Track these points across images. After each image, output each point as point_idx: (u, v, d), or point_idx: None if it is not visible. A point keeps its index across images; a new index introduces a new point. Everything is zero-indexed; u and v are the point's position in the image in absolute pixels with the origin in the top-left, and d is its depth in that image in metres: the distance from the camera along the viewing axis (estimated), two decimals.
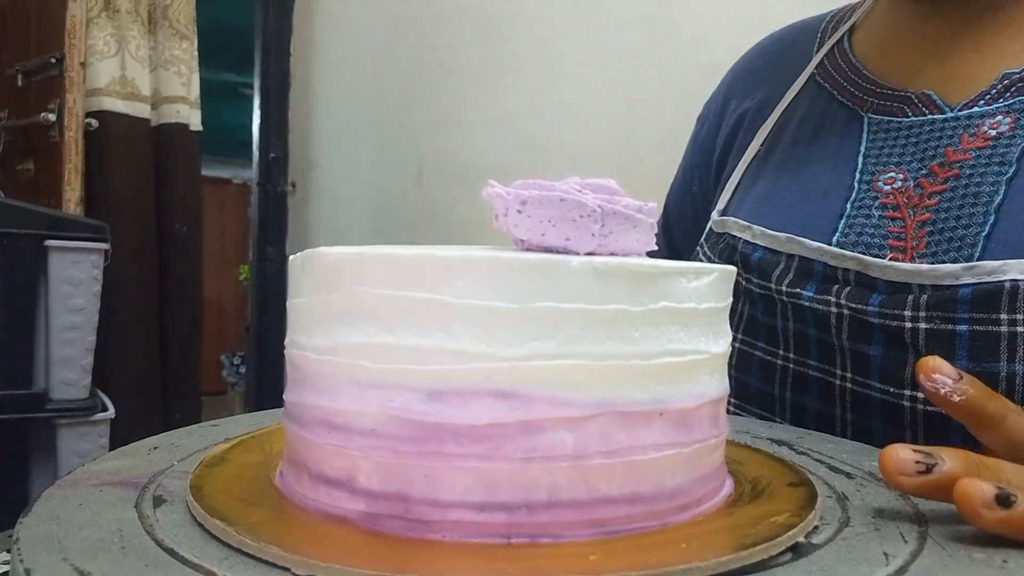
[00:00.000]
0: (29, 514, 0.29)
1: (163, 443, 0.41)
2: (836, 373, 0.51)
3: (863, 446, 0.43)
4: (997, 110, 0.50)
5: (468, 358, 0.27)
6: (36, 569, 0.24)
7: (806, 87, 0.62)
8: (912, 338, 0.46)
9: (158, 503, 0.31)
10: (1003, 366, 0.43)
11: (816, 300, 0.50)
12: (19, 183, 2.00)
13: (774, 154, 0.60)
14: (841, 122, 0.57)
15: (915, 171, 0.51)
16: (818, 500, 0.31)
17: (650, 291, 0.29)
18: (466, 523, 0.27)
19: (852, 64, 0.59)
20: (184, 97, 2.12)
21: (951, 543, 0.28)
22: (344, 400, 0.29)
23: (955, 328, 0.44)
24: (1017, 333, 0.43)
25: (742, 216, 0.58)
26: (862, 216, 0.52)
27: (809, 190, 0.55)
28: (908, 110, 0.54)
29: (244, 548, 0.26)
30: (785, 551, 0.27)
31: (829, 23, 0.66)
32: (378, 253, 0.30)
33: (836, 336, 0.50)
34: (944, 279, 0.45)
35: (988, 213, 0.46)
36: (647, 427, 0.29)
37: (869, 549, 0.27)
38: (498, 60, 1.84)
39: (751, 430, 0.46)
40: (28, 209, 1.47)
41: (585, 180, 0.36)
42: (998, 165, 0.47)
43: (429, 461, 0.27)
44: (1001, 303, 0.43)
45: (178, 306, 2.13)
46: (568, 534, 0.27)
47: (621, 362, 0.28)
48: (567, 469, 0.27)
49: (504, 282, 0.27)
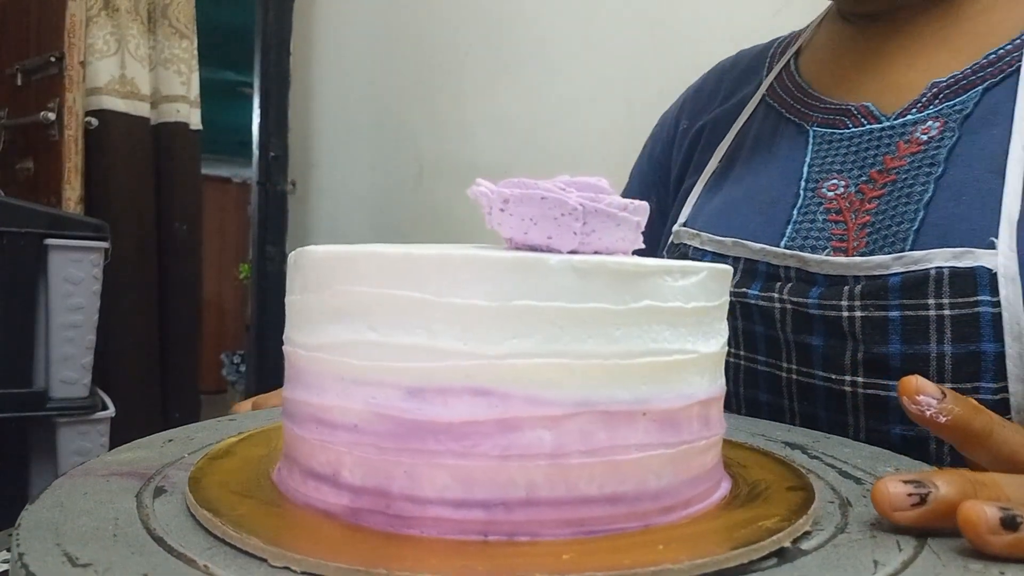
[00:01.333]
0: (36, 501, 0.30)
1: (178, 436, 0.42)
2: (783, 366, 0.54)
3: (881, 451, 0.42)
4: (928, 116, 0.53)
5: (447, 356, 0.27)
6: (29, 553, 0.25)
7: (758, 108, 0.66)
8: (850, 326, 0.49)
9: (158, 493, 0.32)
10: (933, 347, 0.46)
11: (761, 298, 0.54)
12: (19, 182, 2.00)
13: (731, 171, 0.65)
14: (789, 137, 0.61)
15: (856, 178, 0.55)
16: (813, 505, 0.31)
17: (632, 290, 0.29)
18: (444, 520, 0.27)
19: (798, 84, 0.64)
20: (184, 96, 2.12)
21: (948, 553, 0.27)
22: (330, 396, 0.30)
23: (887, 315, 0.47)
24: (944, 316, 0.46)
25: (699, 226, 0.62)
26: (807, 221, 0.55)
27: (760, 201, 0.59)
28: (848, 121, 0.58)
29: (227, 539, 0.27)
30: (770, 556, 0.27)
31: (777, 49, 0.71)
32: (361, 251, 0.30)
33: (781, 330, 0.53)
34: (876, 269, 0.48)
35: (918, 210, 0.50)
36: (630, 427, 0.29)
37: (859, 557, 0.27)
38: (498, 60, 1.84)
39: (767, 433, 0.46)
40: (28, 208, 1.47)
41: (572, 178, 0.36)
42: (928, 167, 0.51)
43: (409, 458, 0.28)
44: (928, 289, 0.46)
45: (178, 305, 2.13)
46: (546, 533, 0.27)
47: (601, 361, 0.28)
48: (545, 468, 0.27)
49: (483, 280, 0.27)
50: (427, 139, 2.03)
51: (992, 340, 0.44)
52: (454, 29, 1.95)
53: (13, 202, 1.47)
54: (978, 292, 0.45)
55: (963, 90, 0.53)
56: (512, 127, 1.81)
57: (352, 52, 2.30)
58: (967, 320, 0.45)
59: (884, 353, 0.48)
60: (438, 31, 1.99)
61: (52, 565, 0.24)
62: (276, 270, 2.35)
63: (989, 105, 0.51)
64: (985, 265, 0.45)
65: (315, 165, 2.42)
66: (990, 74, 0.52)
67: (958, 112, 0.52)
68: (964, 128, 0.51)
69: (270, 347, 2.36)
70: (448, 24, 1.97)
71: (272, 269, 2.36)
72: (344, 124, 2.32)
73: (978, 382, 0.45)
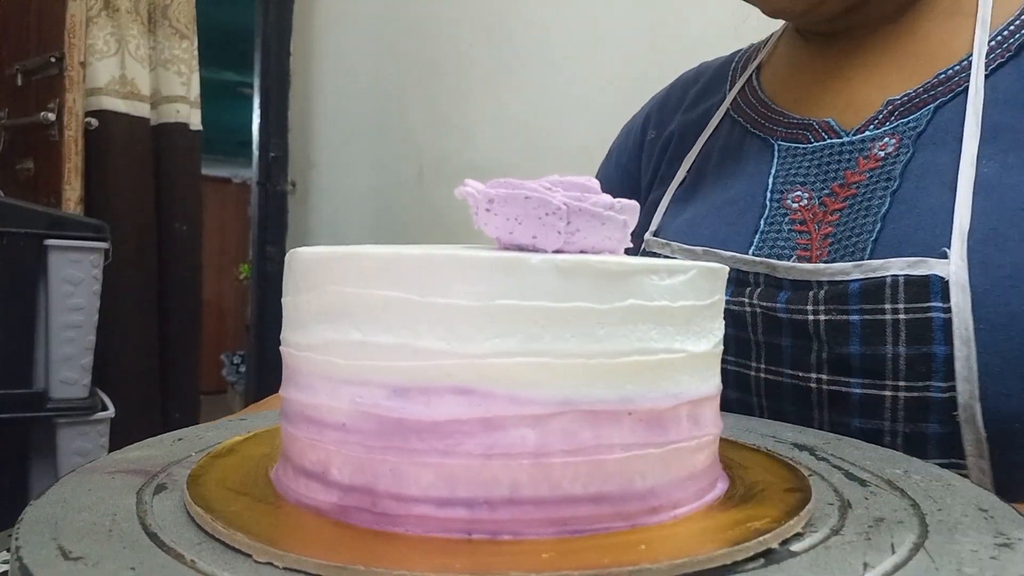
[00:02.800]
0: (41, 496, 0.31)
1: (188, 435, 0.42)
2: (751, 365, 0.57)
3: (892, 453, 0.42)
4: (884, 133, 0.57)
5: (431, 355, 0.27)
6: (25, 546, 0.26)
7: (723, 122, 0.70)
8: (815, 328, 0.52)
9: (159, 491, 0.32)
10: (889, 348, 0.49)
11: (732, 303, 0.57)
12: (19, 182, 2.00)
13: (699, 183, 0.68)
14: (755, 151, 0.65)
15: (819, 190, 0.58)
16: (807, 507, 0.30)
17: (616, 289, 0.29)
18: (429, 518, 0.27)
19: (761, 99, 0.68)
20: (184, 96, 2.12)
21: (944, 557, 0.27)
22: (319, 395, 0.30)
23: (848, 318, 0.51)
24: (899, 320, 0.49)
25: (669, 237, 0.65)
26: (774, 231, 0.59)
27: (728, 212, 0.63)
28: (811, 136, 0.61)
29: (216, 534, 0.27)
30: (756, 557, 0.26)
31: (738, 62, 0.74)
32: (347, 252, 0.30)
33: (752, 332, 0.56)
34: (837, 275, 0.52)
35: (876, 221, 0.53)
36: (615, 426, 0.29)
37: (849, 559, 0.26)
38: (499, 60, 1.84)
39: (777, 434, 0.45)
40: (28, 208, 1.47)
41: (562, 178, 0.36)
42: (885, 181, 0.55)
43: (394, 456, 0.28)
44: (885, 295, 0.49)
45: (178, 305, 2.13)
46: (530, 532, 0.27)
47: (585, 360, 0.28)
48: (528, 467, 0.27)
49: (465, 280, 0.27)
50: (428, 139, 2.03)
51: (943, 343, 0.47)
52: (455, 29, 1.95)
53: (13, 202, 1.48)
54: (931, 299, 0.48)
55: (916, 108, 0.56)
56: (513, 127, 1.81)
57: (352, 52, 2.30)
58: (920, 324, 0.48)
59: (846, 353, 0.51)
60: (438, 31, 2.00)
61: (45, 557, 0.25)
62: (276, 270, 2.35)
63: (940, 123, 0.55)
64: (938, 273, 0.48)
65: (315, 165, 2.42)
66: (940, 92, 0.56)
67: (912, 129, 0.55)
68: (917, 144, 0.54)
69: (270, 347, 2.36)
70: (448, 24, 1.97)
71: (272, 269, 2.37)
72: (344, 124, 2.32)
73: (929, 380, 0.48)
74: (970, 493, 0.34)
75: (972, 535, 0.28)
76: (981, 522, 0.30)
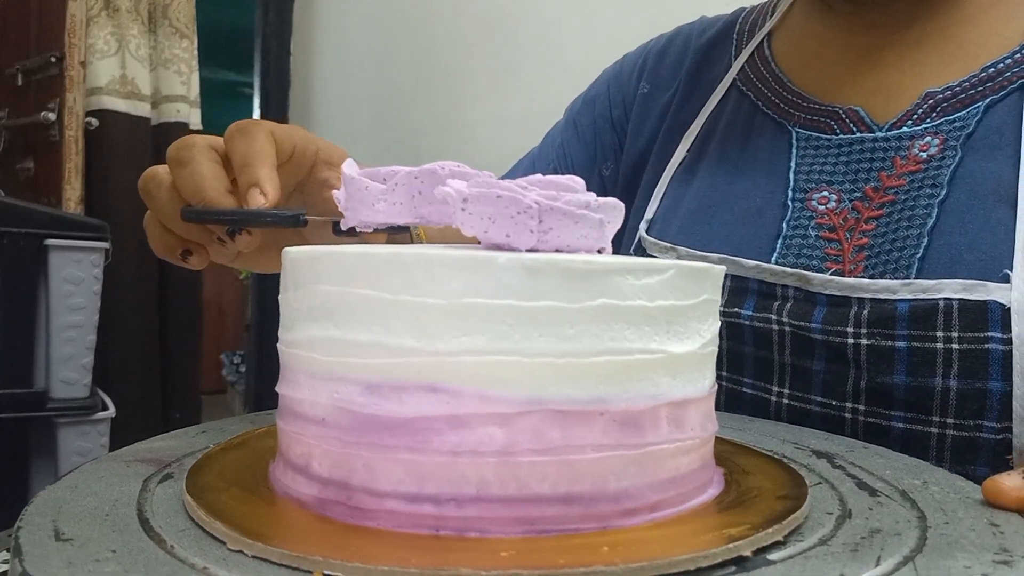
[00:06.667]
0: (56, 482, 0.32)
1: (212, 428, 0.43)
2: (773, 390, 0.51)
3: (918, 463, 0.39)
4: (925, 131, 0.50)
5: (402, 353, 0.28)
6: (26, 527, 0.27)
7: (728, 94, 0.62)
8: (854, 353, 0.47)
9: (164, 479, 0.33)
10: (938, 380, 0.44)
11: (756, 318, 0.51)
12: (19, 182, 2.01)
13: (701, 163, 0.60)
14: (768, 135, 0.57)
15: (849, 192, 0.52)
16: (792, 515, 0.29)
17: (587, 288, 0.29)
18: (399, 513, 0.27)
19: (775, 74, 0.60)
20: (184, 96, 2.13)
21: (931, 572, 0.26)
22: (302, 390, 0.31)
23: (895, 344, 0.45)
24: (952, 350, 0.44)
25: (672, 234, 0.58)
26: (799, 236, 0.52)
27: (743, 209, 0.56)
28: (836, 126, 0.54)
29: (199, 522, 0.28)
30: (726, 564, 0.26)
31: (744, 25, 0.66)
32: (326, 251, 0.31)
33: (778, 352, 0.51)
34: (882, 292, 0.46)
35: (922, 236, 0.47)
36: (586, 426, 0.28)
37: (826, 570, 0.25)
38: (499, 60, 1.84)
39: (800, 440, 0.43)
40: (28, 208, 1.48)
41: (544, 176, 0.36)
42: (930, 188, 0.48)
43: (367, 452, 0.28)
44: (937, 320, 0.44)
45: (178, 305, 2.14)
46: (496, 530, 0.27)
47: (554, 359, 0.28)
48: (495, 465, 0.27)
49: (433, 278, 0.27)
50: (427, 139, 2.03)
51: (1000, 379, 0.43)
52: (454, 29, 1.95)
53: (13, 202, 1.48)
54: (989, 328, 0.43)
55: (962, 104, 0.50)
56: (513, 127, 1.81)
57: (352, 52, 2.31)
58: (976, 356, 0.43)
59: (888, 383, 0.46)
60: (438, 31, 2.00)
61: (39, 538, 0.26)
62: None
63: (992, 124, 0.48)
64: (998, 300, 0.43)
65: None
66: (990, 89, 0.49)
67: (959, 129, 0.49)
68: (966, 148, 0.48)
69: (270, 347, 2.35)
70: (448, 24, 1.97)
71: None
72: (344, 124, 2.32)
73: (981, 419, 0.43)
74: (987, 508, 0.32)
75: (971, 551, 0.27)
76: (987, 538, 0.29)
